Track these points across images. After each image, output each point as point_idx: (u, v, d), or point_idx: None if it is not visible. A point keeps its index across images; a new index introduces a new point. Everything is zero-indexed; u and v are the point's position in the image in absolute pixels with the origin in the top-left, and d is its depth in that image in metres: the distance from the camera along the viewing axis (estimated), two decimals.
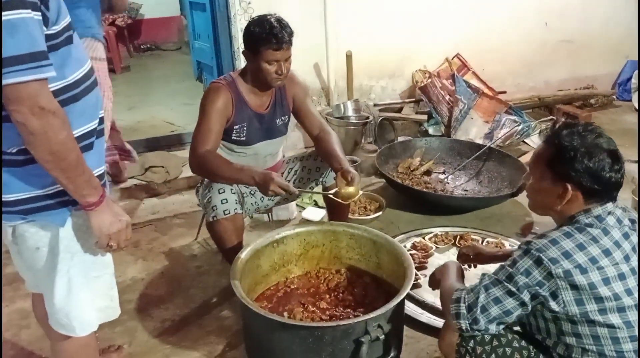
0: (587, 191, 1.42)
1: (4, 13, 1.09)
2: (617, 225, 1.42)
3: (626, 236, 1.42)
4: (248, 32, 2.22)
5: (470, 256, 2.06)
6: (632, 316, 1.35)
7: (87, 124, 1.37)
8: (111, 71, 6.93)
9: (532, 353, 1.49)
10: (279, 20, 2.19)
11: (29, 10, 1.13)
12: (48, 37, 1.21)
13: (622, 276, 1.36)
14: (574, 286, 1.35)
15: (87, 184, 1.30)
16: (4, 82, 1.11)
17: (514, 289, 1.41)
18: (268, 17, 2.21)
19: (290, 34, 2.19)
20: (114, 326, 2.25)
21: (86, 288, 1.48)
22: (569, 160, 1.40)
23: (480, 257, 2.04)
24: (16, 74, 1.11)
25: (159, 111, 5.10)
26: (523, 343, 1.51)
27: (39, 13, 1.16)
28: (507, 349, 1.51)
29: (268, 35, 2.14)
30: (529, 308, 1.43)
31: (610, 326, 1.35)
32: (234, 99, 2.28)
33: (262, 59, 2.18)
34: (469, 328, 1.48)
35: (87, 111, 1.37)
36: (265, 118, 2.39)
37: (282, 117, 2.46)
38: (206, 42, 4.97)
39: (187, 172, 3.61)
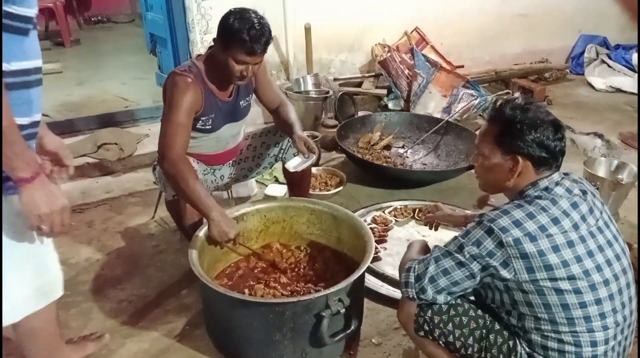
0: (536, 161, 1.47)
1: None
2: (566, 195, 1.46)
3: (574, 205, 1.45)
4: (226, 22, 2.04)
5: (430, 214, 2.08)
6: (581, 283, 1.39)
7: (36, 114, 1.33)
8: (60, 44, 6.64)
9: (488, 322, 1.53)
10: (261, 23, 2.02)
11: None
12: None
13: (570, 244, 1.40)
14: (524, 255, 1.38)
15: (18, 157, 1.22)
16: None
17: (463, 260, 1.44)
18: (251, 14, 2.03)
19: (268, 41, 2.05)
20: (67, 308, 2.19)
21: (13, 272, 1.40)
22: (517, 133, 1.46)
23: (442, 215, 2.06)
24: None
25: (111, 85, 4.90)
26: (479, 312, 1.55)
27: None
28: (463, 318, 1.54)
29: (245, 36, 1.98)
30: (477, 279, 1.46)
31: (560, 293, 1.39)
32: (203, 93, 2.15)
33: (230, 55, 2.04)
34: (415, 296, 1.52)
35: (36, 102, 1.33)
36: (230, 105, 2.30)
37: (246, 99, 2.38)
38: (159, 14, 4.77)
39: (142, 149, 3.52)
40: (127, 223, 2.87)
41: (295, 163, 2.33)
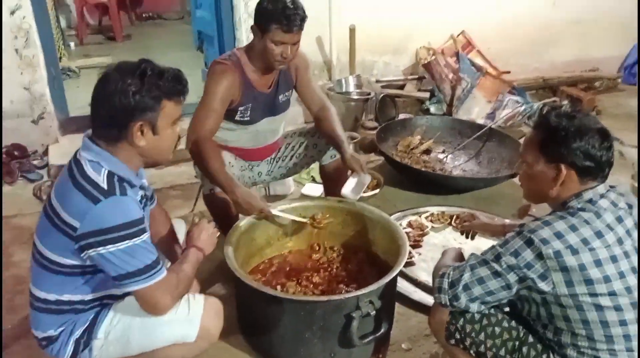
0: (581, 170, 1.42)
1: None
2: (611, 208, 1.41)
3: (620, 219, 1.40)
4: (260, 7, 2.12)
5: (467, 223, 2.06)
6: (623, 300, 1.34)
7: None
8: (112, 38, 6.87)
9: (522, 334, 1.50)
10: (294, 1, 2.09)
11: None
12: None
13: (614, 259, 1.35)
14: (564, 268, 1.34)
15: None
16: None
17: (500, 269, 1.41)
18: None
19: (303, 18, 2.09)
20: None
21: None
22: (562, 140, 1.42)
23: (479, 224, 2.03)
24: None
25: None
26: (513, 323, 1.52)
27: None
28: (496, 328, 1.51)
29: (280, 14, 2.04)
30: (513, 291, 1.42)
31: (599, 309, 1.35)
32: (241, 81, 2.20)
33: (269, 38, 2.09)
34: (448, 303, 1.50)
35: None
36: (269, 97, 2.33)
37: (285, 93, 2.41)
38: (207, 12, 4.88)
39: (185, 144, 3.59)
40: None
41: (349, 188, 2.24)
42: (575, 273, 1.34)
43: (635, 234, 1.41)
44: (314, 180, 3.28)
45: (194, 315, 1.55)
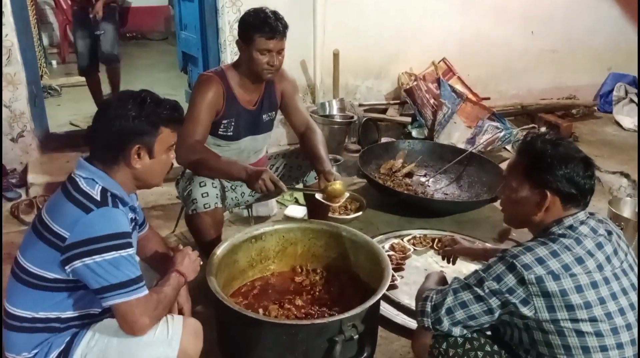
0: (565, 197, 1.46)
1: None
2: (590, 234, 1.44)
3: (599, 245, 1.43)
4: (242, 21, 2.21)
5: (448, 248, 2.06)
6: (603, 326, 1.36)
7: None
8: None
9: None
10: (275, 13, 2.20)
11: None
12: None
13: (594, 285, 1.37)
14: (546, 293, 1.36)
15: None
16: None
17: (482, 294, 1.42)
18: (264, 8, 2.22)
19: (285, 26, 2.19)
20: None
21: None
22: (547, 167, 1.45)
23: (460, 248, 2.03)
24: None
25: None
26: (495, 347, 1.52)
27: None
28: (479, 352, 1.51)
29: (262, 23, 2.14)
30: (495, 316, 1.44)
31: (580, 335, 1.36)
32: (225, 93, 2.26)
33: (254, 47, 2.16)
34: (430, 326, 1.51)
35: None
36: (253, 114, 2.37)
37: (269, 113, 2.44)
38: (193, 33, 4.90)
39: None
40: None
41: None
42: (556, 298, 1.36)
43: (614, 261, 1.43)
44: (297, 202, 3.28)
45: (173, 336, 1.53)
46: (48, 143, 3.71)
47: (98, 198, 1.46)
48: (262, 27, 2.13)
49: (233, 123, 2.31)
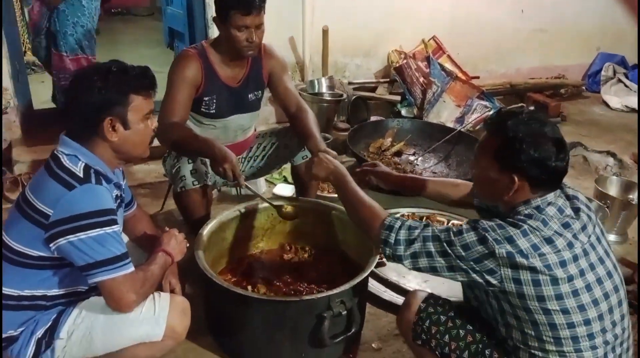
0: (534, 181, 1.42)
1: None
2: (557, 215, 1.41)
3: (566, 225, 1.40)
4: None
5: (370, 175, 2.04)
6: (570, 302, 1.35)
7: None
8: None
9: (485, 337, 1.52)
10: None
11: None
12: None
13: (563, 263, 1.36)
14: (514, 265, 1.34)
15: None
16: None
17: (449, 251, 1.41)
18: None
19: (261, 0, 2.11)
20: None
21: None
22: (516, 151, 1.38)
23: (380, 171, 2.04)
24: None
25: None
26: (476, 325, 1.54)
27: None
28: (460, 331, 1.54)
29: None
30: (457, 276, 1.42)
31: (547, 312, 1.36)
32: (203, 69, 2.21)
33: (231, 24, 2.09)
34: (390, 256, 1.51)
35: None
36: (237, 92, 2.32)
37: (255, 92, 2.40)
38: (179, 9, 4.82)
39: (154, 141, 3.53)
40: None
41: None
42: (524, 271, 1.34)
43: (581, 237, 1.40)
44: (285, 180, 3.27)
45: (160, 313, 1.53)
46: (32, 120, 3.64)
47: (81, 174, 1.44)
48: (237, 2, 2.05)
49: (215, 100, 2.26)
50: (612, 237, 2.82)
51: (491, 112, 3.99)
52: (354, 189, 1.72)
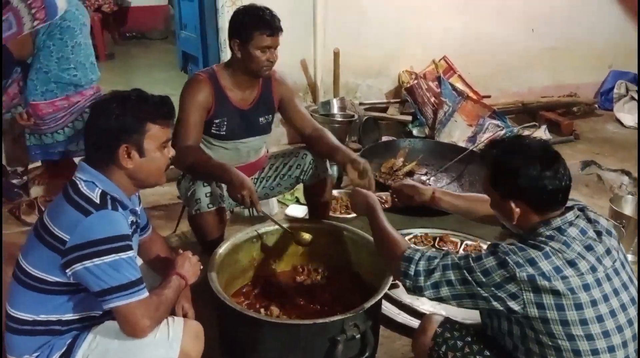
0: (533, 204, 1.43)
1: None
2: (579, 237, 1.41)
3: (589, 248, 1.39)
4: (238, 20, 2.20)
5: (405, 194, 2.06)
6: (595, 329, 1.34)
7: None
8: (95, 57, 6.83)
9: None
10: (267, 8, 2.21)
11: None
12: None
13: (586, 287, 1.34)
14: (536, 289, 1.34)
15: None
16: None
17: (469, 279, 1.41)
18: (256, 5, 2.22)
19: (279, 20, 2.19)
20: None
21: None
22: (504, 180, 1.45)
23: (409, 184, 2.08)
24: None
25: None
26: (494, 351, 1.51)
27: None
28: (478, 357, 1.52)
29: (259, 21, 2.14)
30: (479, 303, 1.42)
31: (571, 338, 1.34)
32: (214, 92, 2.25)
33: (254, 45, 2.15)
34: (411, 289, 1.51)
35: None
36: (247, 115, 2.36)
37: (266, 116, 2.43)
38: (192, 33, 4.91)
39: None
40: None
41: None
42: (547, 295, 1.33)
43: (606, 261, 1.40)
44: (298, 201, 3.27)
45: (174, 338, 1.53)
46: None
47: (98, 200, 1.46)
48: (261, 24, 2.14)
49: (226, 122, 2.31)
50: (629, 257, 2.78)
51: (503, 132, 3.99)
52: (380, 222, 1.75)
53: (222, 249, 2.05)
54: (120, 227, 1.47)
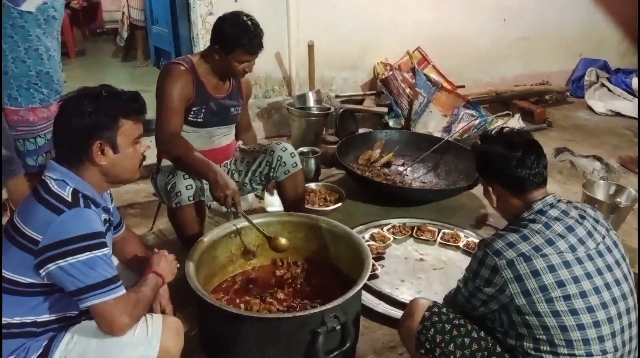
0: (508, 187, 1.57)
1: None
2: (561, 217, 1.49)
3: (570, 228, 1.47)
4: (221, 32, 2.23)
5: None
6: (578, 303, 1.38)
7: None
8: (65, 54, 6.67)
9: (490, 344, 1.52)
10: (254, 23, 2.24)
11: None
12: None
13: (566, 264, 1.41)
14: (519, 277, 1.41)
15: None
16: None
17: (467, 293, 1.57)
18: (243, 17, 2.24)
19: (263, 35, 2.26)
20: None
21: None
22: (485, 164, 1.63)
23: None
24: None
25: None
26: (482, 333, 1.54)
27: None
28: (465, 339, 1.54)
29: (243, 39, 2.19)
30: (491, 306, 1.51)
31: (556, 314, 1.39)
32: (194, 82, 2.28)
33: (234, 59, 2.23)
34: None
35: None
36: (222, 103, 2.41)
37: (236, 107, 2.50)
38: (164, 27, 4.84)
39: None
40: None
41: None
42: (529, 280, 1.40)
43: (589, 242, 1.46)
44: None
45: (153, 335, 1.51)
46: None
47: (69, 199, 1.44)
48: (243, 43, 2.19)
49: (203, 110, 2.35)
50: None
51: (477, 121, 4.03)
52: None
53: (200, 246, 2.03)
54: (93, 225, 1.44)
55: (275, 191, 2.68)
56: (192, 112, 2.32)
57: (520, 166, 1.53)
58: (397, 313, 2.06)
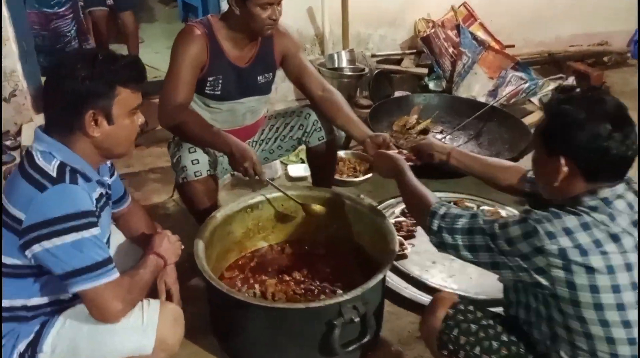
0: (587, 168, 1.22)
1: None
2: (627, 210, 1.22)
3: (635, 224, 1.22)
4: None
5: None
6: (632, 315, 1.17)
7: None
8: None
9: (522, 350, 1.34)
10: None
11: None
12: None
13: (629, 267, 1.17)
14: (567, 268, 1.17)
15: None
16: None
17: (492, 246, 1.28)
18: None
19: None
20: None
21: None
22: (561, 132, 1.23)
23: (429, 143, 1.98)
24: None
25: (144, 53, 4.80)
26: (512, 338, 1.36)
27: None
28: (494, 343, 1.36)
29: None
30: (502, 272, 1.30)
31: (605, 324, 1.18)
32: (209, 46, 2.03)
33: (253, 3, 1.92)
34: (436, 245, 1.43)
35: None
36: (245, 73, 2.14)
37: (266, 75, 2.21)
38: None
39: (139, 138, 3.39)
40: (145, 201, 2.74)
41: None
42: (579, 274, 1.17)
43: None
44: (303, 161, 3.08)
45: (149, 323, 1.40)
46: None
47: (54, 174, 1.30)
48: None
49: (221, 81, 2.09)
50: None
51: (527, 85, 3.71)
52: (409, 182, 1.65)
53: (212, 222, 1.89)
54: (80, 202, 1.31)
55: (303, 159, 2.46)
56: (208, 84, 2.08)
57: (618, 147, 1.19)
58: (426, 299, 1.88)
